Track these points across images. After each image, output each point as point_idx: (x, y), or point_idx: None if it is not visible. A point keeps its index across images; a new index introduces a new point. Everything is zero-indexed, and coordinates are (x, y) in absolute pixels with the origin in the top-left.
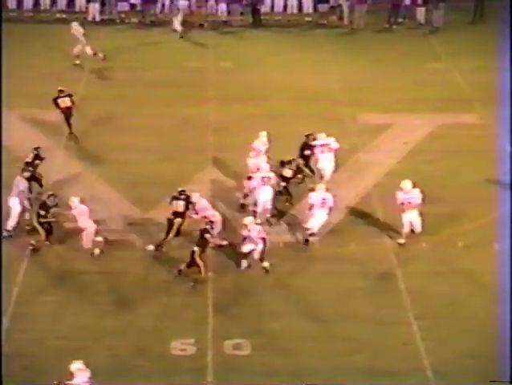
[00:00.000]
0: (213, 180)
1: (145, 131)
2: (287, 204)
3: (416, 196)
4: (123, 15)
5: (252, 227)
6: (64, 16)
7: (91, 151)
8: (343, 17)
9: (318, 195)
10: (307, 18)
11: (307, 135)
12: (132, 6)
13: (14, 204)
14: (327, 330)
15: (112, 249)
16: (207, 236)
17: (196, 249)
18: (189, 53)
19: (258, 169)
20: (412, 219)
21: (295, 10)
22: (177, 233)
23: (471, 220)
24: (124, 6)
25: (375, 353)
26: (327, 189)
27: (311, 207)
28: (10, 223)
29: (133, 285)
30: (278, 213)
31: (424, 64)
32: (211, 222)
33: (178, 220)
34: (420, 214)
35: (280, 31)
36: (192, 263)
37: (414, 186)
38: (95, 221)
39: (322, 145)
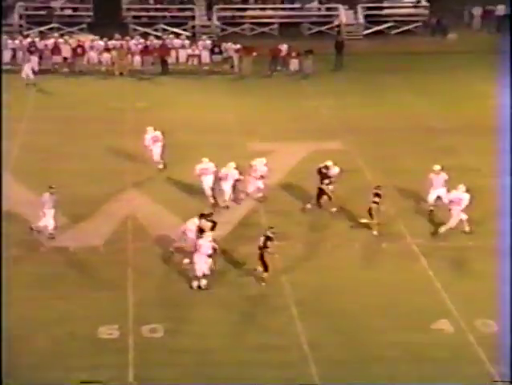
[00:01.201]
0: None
1: (76, 158)
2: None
3: (462, 197)
4: (56, 66)
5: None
6: (8, 67)
7: (34, 175)
8: (233, 65)
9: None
10: (205, 67)
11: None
12: (65, 58)
13: None
14: (226, 315)
15: (47, 253)
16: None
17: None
18: (112, 95)
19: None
20: (456, 214)
21: (196, 61)
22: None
23: (337, 225)
24: (58, 59)
25: (263, 331)
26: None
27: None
28: None
29: (70, 282)
30: None
31: (298, 102)
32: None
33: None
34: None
35: (184, 77)
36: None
37: (467, 190)
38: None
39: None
